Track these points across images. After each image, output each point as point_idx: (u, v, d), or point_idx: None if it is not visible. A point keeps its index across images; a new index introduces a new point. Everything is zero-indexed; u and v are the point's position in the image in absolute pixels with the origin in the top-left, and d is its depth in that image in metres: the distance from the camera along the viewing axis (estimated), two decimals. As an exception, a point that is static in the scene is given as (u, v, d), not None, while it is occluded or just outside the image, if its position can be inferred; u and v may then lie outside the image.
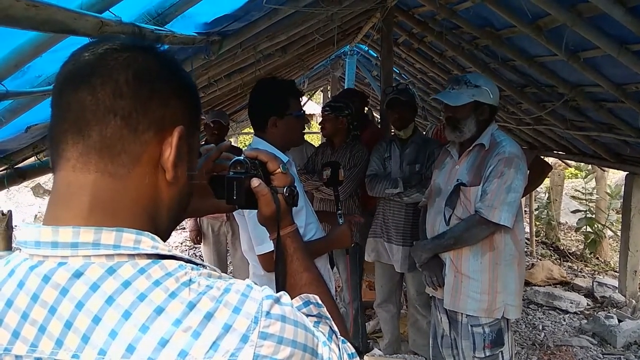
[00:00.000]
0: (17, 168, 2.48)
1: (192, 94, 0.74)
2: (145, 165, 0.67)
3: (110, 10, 1.24)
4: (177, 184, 0.70)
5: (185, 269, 0.62)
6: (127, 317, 0.57)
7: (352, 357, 0.79)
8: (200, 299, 0.59)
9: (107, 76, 0.64)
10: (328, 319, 0.79)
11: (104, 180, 0.64)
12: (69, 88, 0.65)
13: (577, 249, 7.10)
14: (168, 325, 0.57)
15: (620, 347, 3.99)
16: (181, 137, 0.68)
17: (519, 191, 2.34)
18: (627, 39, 2.48)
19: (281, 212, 0.95)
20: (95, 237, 0.61)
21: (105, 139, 0.64)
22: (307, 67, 6.56)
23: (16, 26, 0.96)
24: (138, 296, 0.58)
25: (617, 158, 4.30)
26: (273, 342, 0.60)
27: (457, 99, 2.38)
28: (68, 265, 0.60)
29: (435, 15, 3.93)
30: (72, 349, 0.57)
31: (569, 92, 3.50)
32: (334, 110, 3.47)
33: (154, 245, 0.63)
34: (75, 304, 0.58)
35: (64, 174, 0.65)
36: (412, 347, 3.73)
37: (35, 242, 0.61)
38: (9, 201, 8.17)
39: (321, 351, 0.68)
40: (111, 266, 0.60)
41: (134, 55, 0.67)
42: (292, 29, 3.12)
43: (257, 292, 0.63)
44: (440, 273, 2.51)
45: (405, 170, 3.33)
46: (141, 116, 0.65)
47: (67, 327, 0.58)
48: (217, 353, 0.57)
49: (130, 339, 0.56)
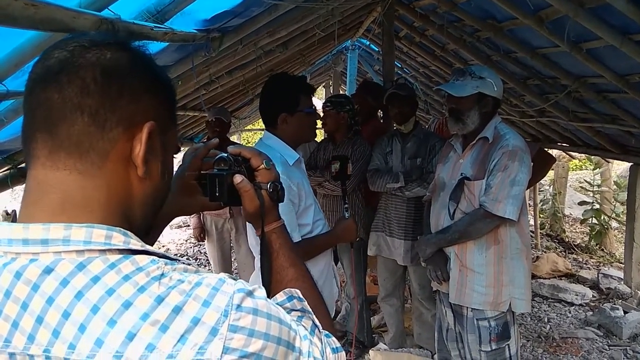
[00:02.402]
0: (21, 168, 2.49)
1: (166, 90, 0.74)
2: (115, 162, 0.67)
3: (109, 9, 1.24)
4: (150, 179, 0.70)
5: (157, 264, 0.62)
6: (95, 312, 0.57)
7: (335, 351, 0.78)
8: (170, 293, 0.60)
9: (74, 74, 0.64)
10: (310, 313, 0.79)
11: (73, 177, 0.65)
12: (38, 87, 0.65)
13: (582, 241, 7.08)
14: (136, 319, 0.57)
15: (626, 338, 3.98)
16: (152, 133, 0.68)
17: (524, 184, 2.33)
18: (629, 29, 2.46)
19: (265, 207, 0.95)
20: (65, 234, 0.61)
21: (72, 137, 0.64)
22: (309, 63, 6.54)
23: (15, 25, 0.96)
24: (107, 291, 0.58)
25: (621, 149, 4.28)
26: (244, 335, 0.61)
27: (461, 90, 2.37)
28: (39, 261, 0.60)
29: (436, 8, 3.91)
30: (43, 344, 0.58)
31: (572, 84, 3.48)
32: (335, 106, 3.46)
33: (125, 240, 0.64)
34: (45, 299, 0.58)
35: (35, 172, 0.66)
36: (417, 340, 3.73)
37: (8, 239, 0.62)
38: (14, 201, 8.20)
39: (299, 344, 0.69)
40: (81, 262, 0.60)
41: (102, 52, 0.66)
42: (292, 24, 3.11)
43: (229, 285, 0.63)
44: (445, 267, 2.51)
45: (406, 164, 3.33)
46: (109, 113, 0.65)
47: (38, 322, 0.58)
48: (185, 346, 0.57)
49: (98, 333, 0.57)
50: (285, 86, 1.99)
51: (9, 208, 2.83)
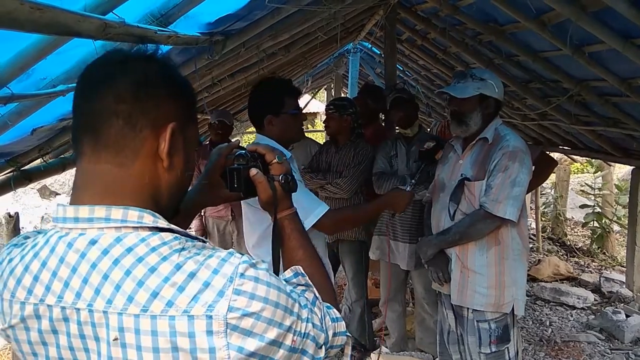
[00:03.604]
0: (23, 170, 2.49)
1: (185, 94, 0.88)
2: (146, 157, 0.81)
3: (114, 12, 1.24)
4: (174, 169, 0.84)
5: (179, 240, 0.77)
6: (128, 275, 0.72)
7: (334, 320, 0.92)
8: (187, 262, 0.74)
9: (111, 85, 0.79)
10: (312, 287, 0.92)
11: (112, 169, 0.80)
12: (83, 96, 0.81)
13: (584, 244, 7.07)
14: (159, 281, 0.72)
15: (628, 342, 3.98)
16: (174, 132, 0.82)
17: (524, 185, 2.34)
18: (631, 33, 2.46)
19: (278, 196, 1.08)
20: (107, 214, 0.77)
21: (110, 138, 0.79)
22: (311, 66, 6.56)
23: (20, 29, 0.96)
24: (137, 259, 0.73)
25: (623, 152, 4.28)
26: (245, 298, 0.73)
27: (462, 92, 2.38)
28: (86, 235, 0.77)
29: (438, 12, 3.92)
30: (87, 300, 0.74)
31: (574, 87, 3.48)
32: (338, 108, 3.47)
33: (154, 220, 0.78)
34: (90, 264, 0.74)
35: (82, 166, 0.81)
36: (419, 344, 3.73)
37: (62, 218, 0.79)
38: (16, 203, 8.21)
39: (298, 311, 0.81)
40: (119, 236, 0.76)
41: (134, 66, 0.81)
42: (295, 27, 3.11)
43: (236, 258, 0.77)
44: (447, 268, 2.51)
45: (412, 167, 3.33)
46: (140, 117, 0.80)
47: (84, 282, 0.74)
48: (197, 304, 0.71)
49: (129, 292, 0.72)
50: (270, 89, 2.05)
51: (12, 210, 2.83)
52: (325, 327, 0.88)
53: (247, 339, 0.73)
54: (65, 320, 0.76)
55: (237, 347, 0.73)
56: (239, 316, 0.72)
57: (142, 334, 0.71)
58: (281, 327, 0.77)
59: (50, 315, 0.77)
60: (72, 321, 0.76)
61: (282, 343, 0.77)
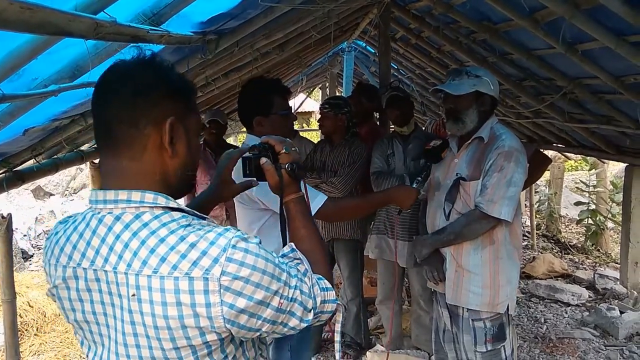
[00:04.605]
0: (16, 171, 2.47)
1: (181, 90, 1.03)
2: (152, 149, 0.99)
3: (105, 11, 1.23)
4: (178, 156, 1.02)
5: (186, 218, 0.97)
6: (143, 244, 0.92)
7: (324, 289, 1.09)
8: (189, 235, 0.92)
9: (115, 96, 0.98)
10: (305, 261, 1.11)
11: (126, 163, 0.99)
12: (96, 104, 1.01)
13: (578, 241, 7.09)
14: (166, 249, 0.91)
15: (622, 338, 4.00)
16: (172, 125, 0.99)
17: (519, 185, 2.33)
18: (624, 31, 2.47)
19: (284, 182, 1.24)
20: (128, 196, 0.96)
21: (121, 138, 0.98)
22: (305, 65, 6.54)
23: (11, 29, 0.95)
24: (151, 232, 0.93)
25: (616, 150, 4.29)
26: (236, 265, 0.91)
27: (458, 89, 2.37)
28: (112, 213, 0.97)
29: (432, 10, 3.92)
30: (113, 263, 0.95)
31: (568, 85, 3.49)
32: (333, 107, 3.46)
33: (166, 201, 0.98)
34: (115, 236, 0.95)
35: (104, 160, 1.02)
36: (415, 342, 3.74)
37: (95, 200, 1.00)
38: (10, 204, 8.16)
39: (286, 278, 0.99)
40: (137, 214, 0.96)
41: (132, 75, 0.98)
42: (288, 26, 3.10)
43: (230, 233, 0.94)
44: (441, 267, 2.51)
45: (409, 166, 3.33)
46: (141, 118, 0.97)
47: (110, 250, 0.95)
48: (196, 268, 0.90)
49: (144, 257, 0.92)
50: (259, 89, 2.04)
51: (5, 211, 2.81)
52: (313, 294, 1.05)
53: (238, 298, 0.91)
54: (97, 280, 0.97)
55: (229, 304, 0.91)
56: (230, 279, 0.90)
57: (153, 290, 0.91)
58: (268, 290, 0.95)
59: (85, 276, 0.98)
60: (102, 281, 0.96)
61: (269, 304, 0.96)
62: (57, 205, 8.48)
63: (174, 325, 0.91)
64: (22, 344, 4.22)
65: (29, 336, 4.49)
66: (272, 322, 0.98)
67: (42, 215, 7.91)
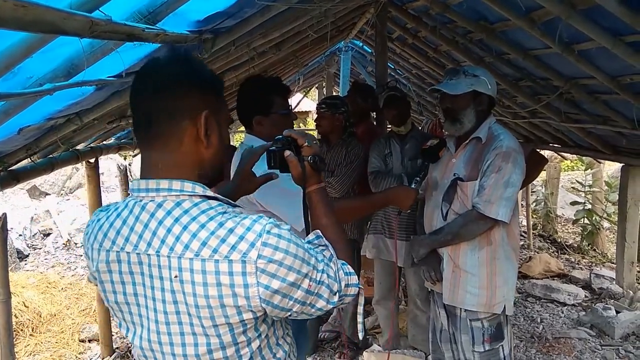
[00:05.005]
0: (11, 170, 2.46)
1: (212, 85, 1.11)
2: (188, 141, 1.06)
3: (100, 10, 1.22)
4: (212, 147, 1.09)
5: (222, 206, 1.05)
6: (185, 229, 1.00)
7: (348, 274, 1.16)
8: (227, 221, 1.00)
9: (153, 89, 1.04)
10: (330, 247, 1.18)
11: (165, 154, 1.06)
12: (135, 99, 1.07)
13: (574, 241, 7.11)
14: (207, 234, 0.98)
15: (618, 338, 4.00)
16: (207, 118, 1.06)
17: (517, 186, 2.32)
18: (621, 31, 2.47)
19: (307, 174, 1.31)
20: (169, 185, 1.04)
21: (159, 130, 1.05)
22: (302, 64, 6.53)
23: (4, 27, 0.94)
24: (191, 218, 1.01)
25: (612, 150, 4.30)
26: (270, 249, 0.99)
27: (455, 88, 2.35)
28: (154, 201, 1.05)
29: (428, 10, 3.91)
30: (155, 247, 1.02)
31: (564, 85, 3.49)
32: (330, 107, 3.46)
33: (203, 190, 1.05)
34: (158, 221, 1.03)
35: (144, 153, 1.09)
36: (412, 342, 3.73)
37: (137, 189, 1.07)
38: (5, 204, 8.12)
39: (314, 263, 1.06)
40: (178, 201, 1.03)
41: (168, 72, 1.05)
42: (285, 25, 3.10)
43: (264, 220, 1.02)
44: (438, 267, 2.51)
45: (407, 165, 3.33)
46: (178, 112, 1.04)
47: (153, 235, 1.02)
48: (234, 251, 0.98)
49: (186, 241, 0.99)
50: (259, 89, 2.00)
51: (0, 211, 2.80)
52: (338, 278, 1.12)
53: (273, 280, 0.99)
54: (140, 263, 1.04)
55: (265, 285, 0.99)
56: (265, 262, 0.98)
57: (195, 272, 0.98)
58: (299, 273, 1.02)
59: (129, 260, 1.05)
60: (144, 264, 1.04)
61: (300, 286, 1.03)
62: (53, 205, 8.44)
63: (214, 304, 0.99)
64: (17, 344, 4.20)
65: (25, 336, 4.47)
66: (302, 302, 1.05)
67: (38, 215, 7.87)
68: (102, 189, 5.08)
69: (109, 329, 4.12)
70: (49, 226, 7.56)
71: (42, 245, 7.11)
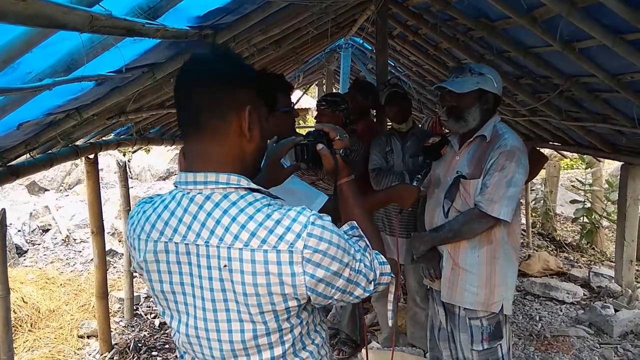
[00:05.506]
0: (10, 166, 2.45)
1: (254, 81, 1.14)
2: (233, 135, 1.10)
3: (101, 4, 1.22)
4: (254, 140, 1.13)
5: (266, 198, 1.09)
6: (234, 221, 1.04)
7: (382, 263, 1.20)
8: (273, 213, 1.04)
9: (198, 84, 1.08)
10: (364, 237, 1.21)
11: (211, 147, 1.10)
12: (180, 96, 1.12)
13: (574, 239, 7.12)
14: (255, 225, 1.03)
15: (616, 336, 4.01)
16: (250, 113, 1.10)
17: (520, 185, 2.31)
18: (622, 29, 2.47)
19: (339, 166, 1.34)
20: (216, 178, 1.08)
21: (205, 123, 1.09)
22: (302, 61, 6.51)
23: (4, 21, 0.93)
24: (240, 210, 1.05)
25: (612, 148, 4.30)
26: (315, 239, 1.03)
27: (461, 87, 2.34)
28: (202, 193, 1.09)
29: (429, 7, 3.91)
30: (204, 238, 1.06)
31: (564, 83, 3.49)
32: (330, 104, 3.45)
33: (247, 183, 1.10)
34: (207, 213, 1.07)
35: (190, 145, 1.13)
36: (410, 339, 3.74)
37: (185, 182, 1.11)
38: (4, 199, 8.12)
39: (353, 253, 1.10)
40: (225, 194, 1.08)
41: (210, 66, 1.09)
42: (285, 22, 3.09)
43: (307, 211, 1.06)
44: (438, 265, 2.51)
45: (408, 163, 3.33)
46: (223, 107, 1.08)
47: (202, 226, 1.06)
48: (282, 242, 1.02)
49: (235, 232, 1.03)
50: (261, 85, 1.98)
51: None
52: (374, 267, 1.16)
53: (317, 269, 1.04)
54: (188, 253, 1.08)
55: (310, 274, 1.03)
56: (311, 252, 1.02)
57: (244, 262, 1.02)
58: (341, 262, 1.06)
59: (177, 250, 1.09)
60: (192, 254, 1.07)
61: (341, 274, 1.07)
62: (52, 201, 8.43)
63: (262, 292, 1.03)
64: (16, 340, 4.20)
65: (23, 332, 4.47)
66: (342, 290, 1.10)
67: (37, 211, 7.87)
68: (101, 185, 5.08)
69: (108, 325, 4.13)
70: (48, 222, 7.55)
71: (41, 241, 7.10)
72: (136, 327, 4.59)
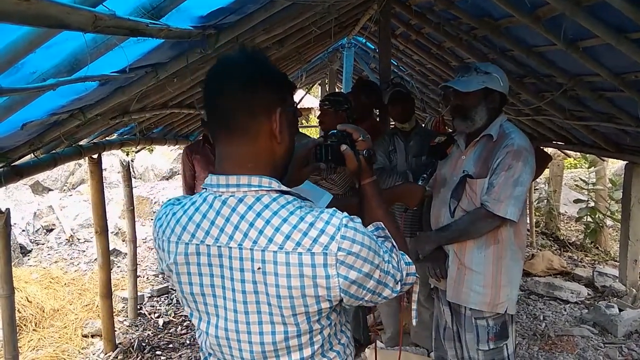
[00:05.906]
0: (14, 166, 2.46)
1: (283, 85, 1.15)
2: (264, 136, 1.11)
3: (104, 4, 1.22)
4: (284, 142, 1.14)
5: (297, 200, 1.09)
6: (268, 223, 1.04)
7: (408, 264, 1.20)
8: (307, 215, 1.05)
9: (230, 87, 1.08)
10: (390, 238, 1.21)
11: (242, 149, 1.11)
12: (211, 97, 1.11)
13: (577, 239, 7.10)
14: (289, 228, 1.03)
15: (621, 336, 4.00)
16: (280, 115, 1.11)
17: (526, 185, 2.30)
18: (626, 28, 2.46)
19: (362, 167, 1.33)
20: (248, 181, 1.08)
21: (237, 125, 1.09)
22: (305, 60, 6.51)
23: (7, 21, 0.94)
24: (273, 212, 1.05)
25: (616, 147, 4.29)
26: (349, 242, 1.03)
27: (467, 86, 2.33)
28: (235, 195, 1.09)
29: (432, 6, 3.90)
30: (238, 241, 1.06)
31: (568, 82, 3.48)
32: (333, 104, 3.45)
33: (278, 185, 1.09)
34: (240, 216, 1.07)
35: (220, 147, 1.13)
36: (414, 338, 3.73)
37: (217, 184, 1.11)
38: (8, 199, 8.14)
39: (382, 254, 1.11)
40: (257, 196, 1.08)
41: (242, 68, 1.09)
42: (288, 21, 3.08)
43: (339, 214, 1.07)
44: (444, 264, 2.50)
45: (411, 162, 3.32)
46: (255, 109, 1.09)
47: (235, 228, 1.06)
48: (316, 244, 1.02)
49: (270, 235, 1.03)
50: None
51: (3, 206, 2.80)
52: (400, 268, 1.17)
53: (350, 271, 1.04)
54: (220, 256, 1.08)
55: (344, 276, 1.04)
56: (345, 254, 1.03)
57: (278, 264, 1.02)
58: (372, 264, 1.07)
59: (208, 252, 1.09)
60: (224, 256, 1.08)
61: (372, 276, 1.08)
62: (56, 201, 8.45)
63: (296, 294, 1.04)
64: (20, 339, 4.22)
65: (28, 331, 4.48)
66: (372, 292, 1.10)
67: (41, 211, 7.89)
68: (105, 184, 5.09)
69: (112, 325, 4.13)
70: (52, 222, 7.57)
71: (45, 241, 7.12)
72: (140, 326, 4.60)
